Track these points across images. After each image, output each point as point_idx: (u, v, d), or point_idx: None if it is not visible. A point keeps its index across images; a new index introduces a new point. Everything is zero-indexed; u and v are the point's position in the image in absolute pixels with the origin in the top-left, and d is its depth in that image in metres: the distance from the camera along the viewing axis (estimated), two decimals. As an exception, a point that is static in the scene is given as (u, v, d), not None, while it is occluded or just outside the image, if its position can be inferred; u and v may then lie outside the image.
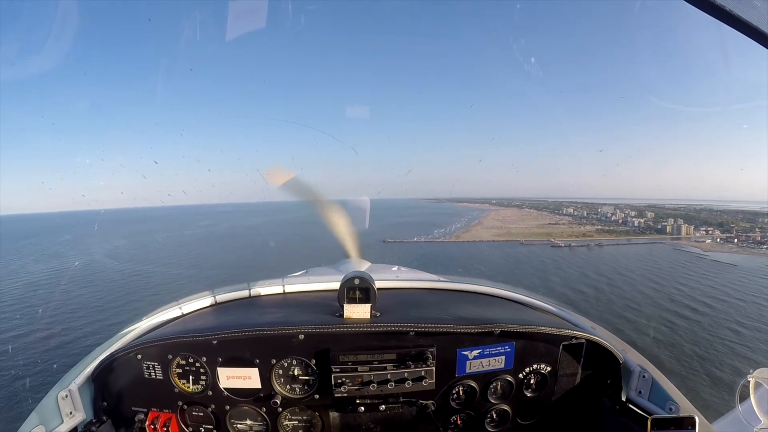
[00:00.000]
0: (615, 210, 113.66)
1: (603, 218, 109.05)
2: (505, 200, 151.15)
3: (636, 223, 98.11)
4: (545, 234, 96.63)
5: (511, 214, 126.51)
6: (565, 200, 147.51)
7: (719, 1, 0.75)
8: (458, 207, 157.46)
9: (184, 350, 1.63)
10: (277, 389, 1.67)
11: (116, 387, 1.68)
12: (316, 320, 1.63)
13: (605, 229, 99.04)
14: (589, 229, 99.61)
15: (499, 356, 1.69)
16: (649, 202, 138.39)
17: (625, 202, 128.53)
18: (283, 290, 2.06)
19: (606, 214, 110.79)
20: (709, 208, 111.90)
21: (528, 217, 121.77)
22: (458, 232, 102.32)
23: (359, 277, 1.63)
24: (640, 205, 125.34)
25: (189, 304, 1.95)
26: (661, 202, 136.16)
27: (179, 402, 1.70)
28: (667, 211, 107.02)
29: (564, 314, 1.94)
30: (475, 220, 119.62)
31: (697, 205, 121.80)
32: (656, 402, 1.62)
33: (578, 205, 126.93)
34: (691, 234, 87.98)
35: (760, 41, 0.81)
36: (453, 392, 1.73)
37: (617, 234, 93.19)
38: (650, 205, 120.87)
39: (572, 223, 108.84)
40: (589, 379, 1.78)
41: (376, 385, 1.61)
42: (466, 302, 1.99)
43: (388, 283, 2.11)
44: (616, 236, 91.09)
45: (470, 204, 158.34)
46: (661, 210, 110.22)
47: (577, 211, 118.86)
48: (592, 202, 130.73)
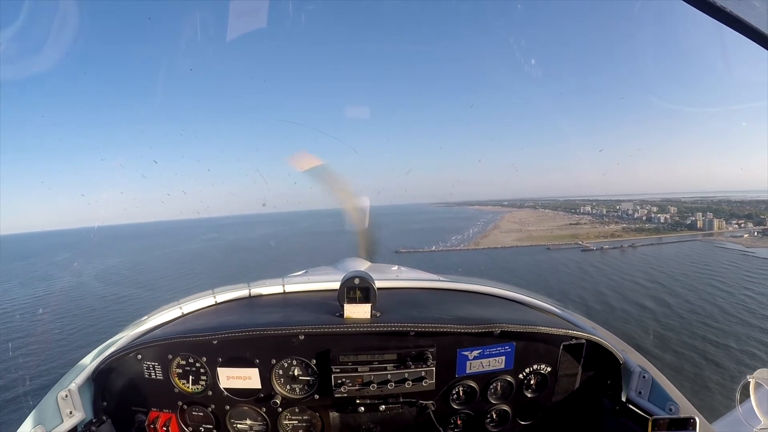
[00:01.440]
0: (635, 206, 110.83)
1: (624, 216, 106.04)
2: (517, 201, 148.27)
3: (662, 219, 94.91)
4: (570, 236, 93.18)
5: (527, 216, 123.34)
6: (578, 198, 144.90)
7: (719, 2, 0.75)
8: (471, 210, 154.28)
9: (184, 350, 1.65)
10: (277, 389, 1.68)
11: (116, 387, 1.69)
12: (316, 320, 1.64)
13: (632, 227, 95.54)
14: (615, 229, 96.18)
15: (499, 356, 1.70)
16: (664, 196, 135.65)
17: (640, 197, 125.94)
18: (283, 290, 2.05)
19: (627, 211, 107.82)
20: (728, 199, 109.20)
21: (545, 217, 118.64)
22: (477, 238, 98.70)
23: (359, 276, 1.64)
24: (655, 199, 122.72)
25: (189, 304, 1.93)
26: (676, 196, 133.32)
27: (179, 402, 1.71)
28: (686, 205, 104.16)
29: (564, 314, 1.93)
30: (491, 223, 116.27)
31: (713, 196, 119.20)
32: (656, 402, 1.63)
33: (594, 202, 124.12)
34: (724, 228, 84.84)
35: (760, 42, 0.81)
36: (453, 392, 1.74)
37: (647, 233, 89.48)
38: (666, 199, 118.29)
39: (594, 223, 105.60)
40: (589, 379, 1.80)
41: (376, 386, 1.62)
42: (466, 302, 1.98)
43: (388, 282, 2.10)
44: (647, 235, 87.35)
45: (482, 207, 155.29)
46: (680, 204, 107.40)
47: (595, 210, 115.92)
48: (608, 199, 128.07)
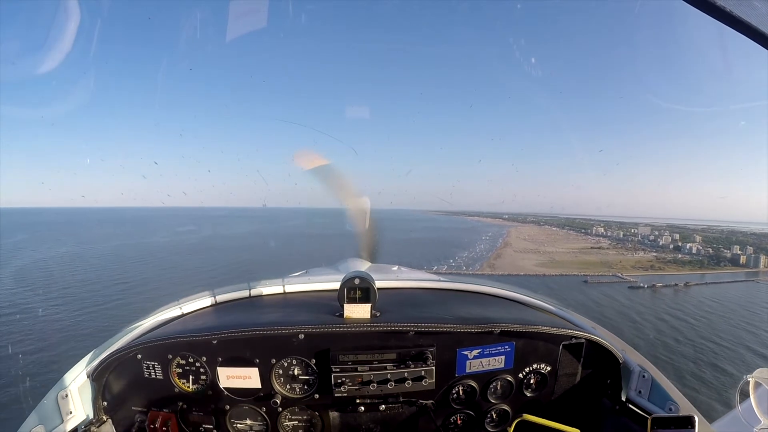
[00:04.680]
0: (652, 231, 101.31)
1: (647, 241, 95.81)
2: (518, 215, 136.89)
3: (693, 249, 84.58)
4: (600, 264, 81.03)
5: (535, 233, 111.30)
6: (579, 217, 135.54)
7: (719, 2, 0.75)
8: (471, 221, 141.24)
9: (184, 350, 1.65)
10: (277, 389, 1.68)
11: (116, 387, 1.69)
12: (316, 320, 1.63)
13: (666, 257, 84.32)
14: (646, 258, 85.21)
15: (499, 356, 1.70)
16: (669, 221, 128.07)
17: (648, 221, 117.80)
18: (283, 290, 2.05)
19: (648, 237, 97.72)
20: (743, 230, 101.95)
21: (556, 236, 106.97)
22: (490, 257, 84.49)
23: (359, 276, 1.63)
24: (660, 224, 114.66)
25: (189, 304, 1.93)
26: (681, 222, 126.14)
27: (179, 402, 1.70)
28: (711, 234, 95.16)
29: (564, 314, 1.92)
30: (498, 238, 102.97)
31: (719, 225, 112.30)
32: (656, 402, 1.63)
33: (603, 223, 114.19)
34: (773, 265, 75.36)
35: (761, 42, 0.80)
36: (453, 392, 1.74)
37: (690, 266, 78.10)
38: (671, 225, 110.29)
39: (616, 248, 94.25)
40: (589, 378, 1.80)
41: (376, 385, 1.62)
42: (466, 302, 1.97)
43: (388, 282, 2.09)
44: (691, 269, 75.94)
45: (482, 218, 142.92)
46: (683, 231, 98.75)
47: (609, 232, 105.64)
48: (620, 221, 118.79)
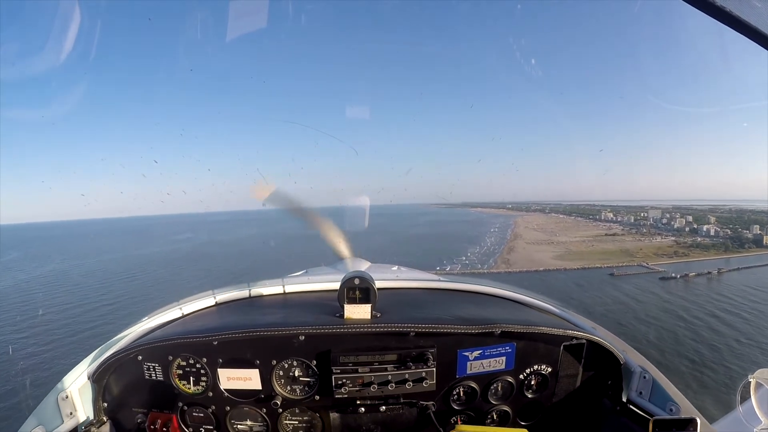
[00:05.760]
0: (663, 214, 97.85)
1: (660, 225, 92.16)
2: (521, 204, 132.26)
3: (712, 231, 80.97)
4: (620, 252, 76.78)
5: (543, 222, 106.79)
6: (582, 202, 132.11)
7: (719, 2, 0.75)
8: (474, 213, 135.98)
9: (184, 351, 1.64)
10: (278, 390, 1.67)
11: (116, 388, 1.69)
12: (316, 321, 1.63)
13: (686, 242, 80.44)
14: (666, 243, 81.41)
15: (499, 357, 1.69)
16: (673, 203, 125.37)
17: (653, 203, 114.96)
18: (284, 290, 2.04)
19: (660, 220, 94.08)
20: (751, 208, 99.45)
21: (565, 224, 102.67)
22: (503, 251, 79.30)
23: (359, 277, 1.63)
24: (666, 206, 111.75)
25: (189, 305, 1.93)
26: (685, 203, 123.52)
27: (179, 403, 1.70)
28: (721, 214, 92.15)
29: (565, 314, 1.91)
30: (507, 230, 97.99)
31: (724, 204, 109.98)
32: (657, 403, 1.63)
33: (610, 208, 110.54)
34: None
35: (761, 42, 0.80)
36: (454, 393, 1.73)
37: (714, 250, 74.28)
38: (676, 207, 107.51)
39: (630, 233, 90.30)
40: (589, 379, 1.79)
41: (377, 386, 1.61)
42: (467, 302, 1.97)
43: (388, 283, 2.09)
44: (717, 253, 72.12)
45: (485, 209, 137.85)
46: (694, 212, 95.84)
47: (619, 217, 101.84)
48: (625, 205, 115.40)
